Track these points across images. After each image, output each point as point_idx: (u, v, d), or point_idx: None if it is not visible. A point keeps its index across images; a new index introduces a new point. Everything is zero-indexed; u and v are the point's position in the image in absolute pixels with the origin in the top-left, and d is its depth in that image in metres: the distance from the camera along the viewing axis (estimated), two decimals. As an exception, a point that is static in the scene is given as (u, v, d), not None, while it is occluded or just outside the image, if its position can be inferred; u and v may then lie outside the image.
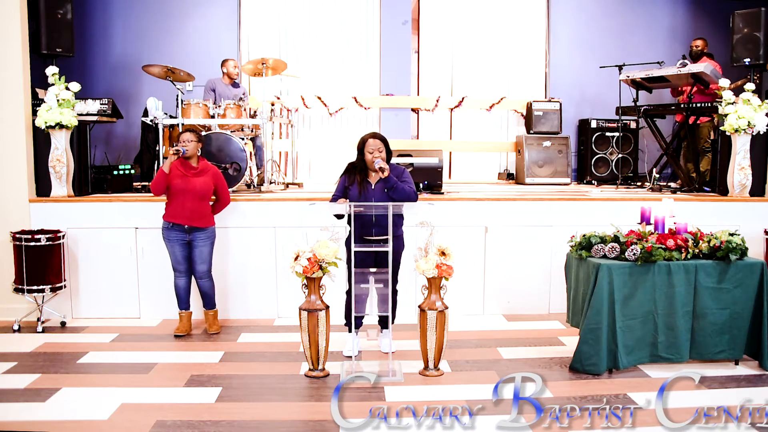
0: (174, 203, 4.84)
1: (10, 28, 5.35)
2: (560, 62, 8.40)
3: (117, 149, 7.77)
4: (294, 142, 7.77)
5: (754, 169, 5.86)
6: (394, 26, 8.11)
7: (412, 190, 4.32)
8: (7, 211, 5.38)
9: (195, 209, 4.83)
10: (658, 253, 4.07)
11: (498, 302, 5.61)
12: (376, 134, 4.41)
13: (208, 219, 4.93)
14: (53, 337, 4.96)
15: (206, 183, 4.87)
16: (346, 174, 4.45)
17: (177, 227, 4.85)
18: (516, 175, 8.02)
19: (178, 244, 4.88)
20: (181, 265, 4.92)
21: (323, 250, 3.98)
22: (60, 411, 3.59)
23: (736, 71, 6.74)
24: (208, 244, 4.94)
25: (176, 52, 7.72)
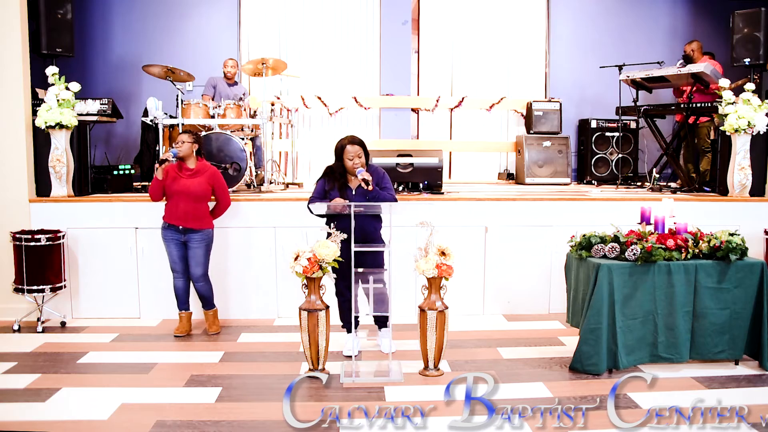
0: (170, 204, 4.86)
1: (10, 28, 5.35)
2: (560, 62, 8.40)
3: (117, 149, 7.77)
4: (294, 142, 7.77)
5: (754, 169, 5.86)
6: (394, 26, 8.11)
7: (392, 197, 4.34)
8: (7, 211, 5.38)
9: (189, 210, 4.81)
10: (658, 253, 4.07)
11: (498, 302, 5.61)
12: (354, 139, 4.35)
13: (204, 221, 4.89)
14: (53, 337, 4.96)
15: (201, 184, 4.84)
16: (325, 178, 4.42)
17: (172, 227, 4.85)
18: (516, 175, 8.02)
19: (174, 244, 4.88)
20: (177, 265, 4.92)
21: (323, 250, 3.98)
22: (60, 411, 3.59)
23: (736, 71, 6.74)
24: (202, 246, 4.90)
25: (176, 52, 7.72)
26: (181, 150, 4.81)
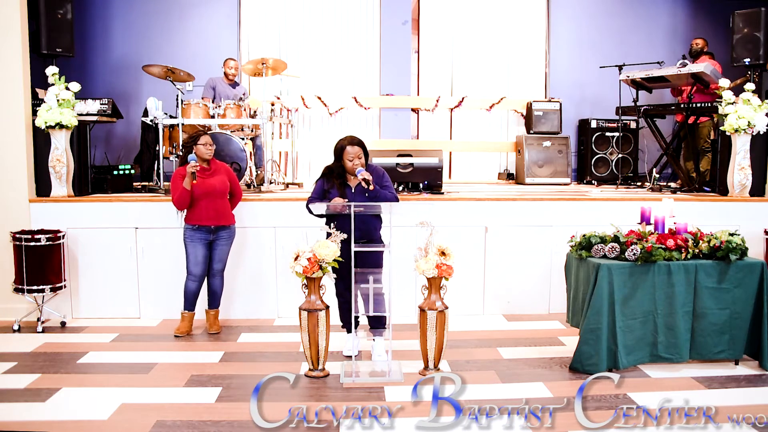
0: (198, 206, 4.83)
1: (10, 28, 5.35)
2: (560, 62, 8.40)
3: (117, 149, 7.77)
4: (294, 142, 7.77)
5: (754, 169, 5.86)
6: (394, 26, 8.11)
7: (393, 196, 4.33)
8: (7, 211, 5.38)
9: (219, 208, 4.88)
10: (658, 253, 4.07)
11: (498, 302, 5.61)
12: (354, 140, 4.32)
13: (230, 217, 5.01)
14: (53, 337, 4.96)
15: (223, 181, 4.93)
16: (324, 178, 4.40)
17: (203, 228, 4.86)
18: (516, 175, 8.02)
19: (201, 244, 4.89)
20: (198, 267, 4.91)
21: (323, 250, 3.98)
22: (60, 411, 3.59)
23: (736, 71, 6.74)
24: (229, 243, 5.01)
25: (176, 52, 7.72)
26: (211, 152, 4.89)
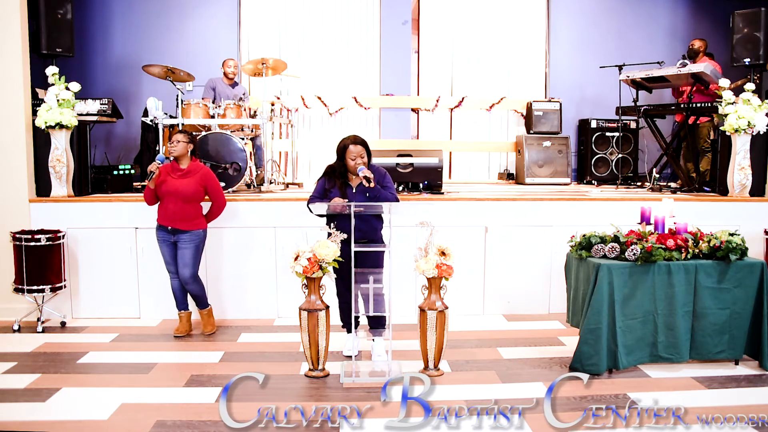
0: (161, 206, 4.85)
1: (10, 28, 5.35)
2: (560, 62, 8.40)
3: (117, 149, 7.77)
4: (294, 142, 7.77)
5: (754, 169, 5.86)
6: (394, 26, 8.11)
7: (394, 197, 4.32)
8: (7, 211, 5.38)
9: (177, 211, 4.76)
10: (658, 253, 4.07)
11: (498, 302, 5.61)
12: (357, 139, 4.32)
13: (194, 222, 4.82)
14: (53, 337, 4.96)
15: (190, 185, 4.77)
16: (326, 177, 4.40)
17: (163, 228, 4.84)
18: (516, 175, 8.02)
19: (166, 245, 4.86)
20: (171, 266, 4.90)
21: (323, 250, 3.98)
22: (60, 411, 3.59)
23: (736, 71, 6.74)
24: (191, 247, 4.81)
25: (176, 52, 7.71)
26: (176, 149, 4.77)
